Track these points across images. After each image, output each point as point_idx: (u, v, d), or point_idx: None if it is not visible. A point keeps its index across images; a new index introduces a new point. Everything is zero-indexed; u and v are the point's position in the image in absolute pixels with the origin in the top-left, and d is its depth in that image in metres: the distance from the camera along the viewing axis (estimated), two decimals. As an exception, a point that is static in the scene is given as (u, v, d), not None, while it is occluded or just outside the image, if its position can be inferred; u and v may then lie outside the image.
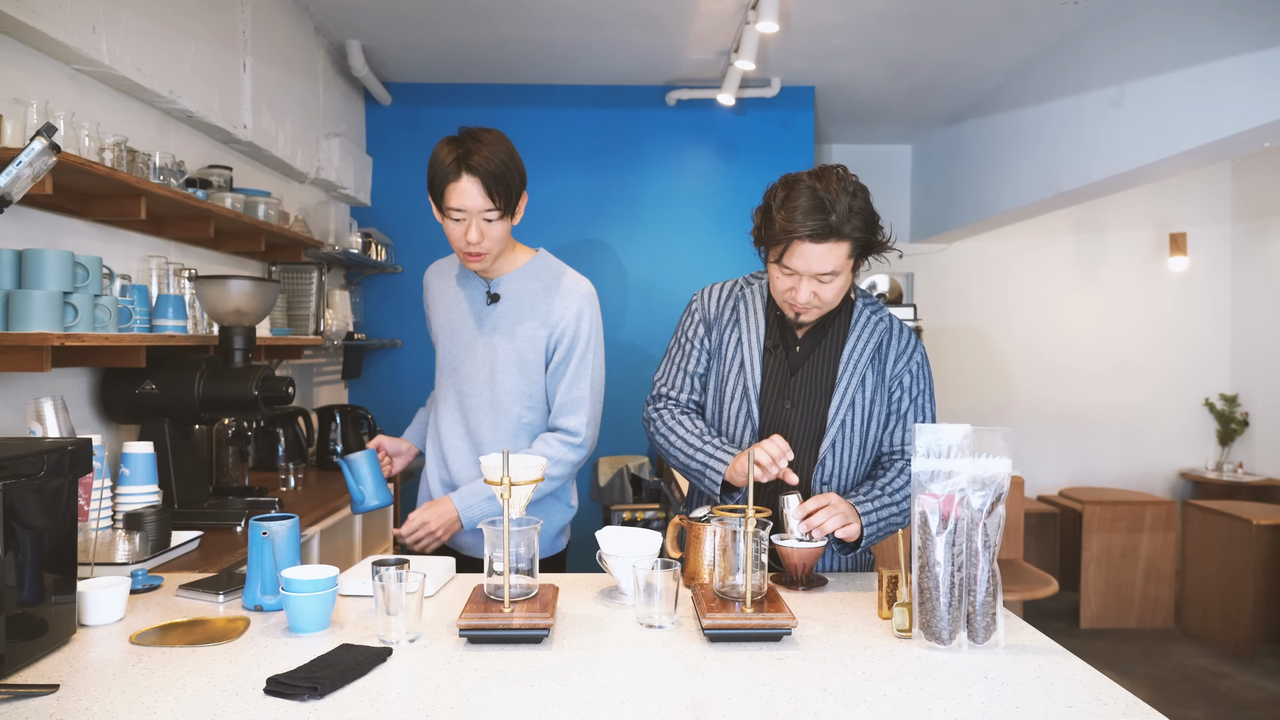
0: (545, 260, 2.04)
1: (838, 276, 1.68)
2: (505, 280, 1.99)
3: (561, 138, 4.99)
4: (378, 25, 4.06)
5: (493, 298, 1.98)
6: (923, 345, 1.86)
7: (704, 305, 1.89)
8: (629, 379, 4.99)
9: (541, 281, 1.99)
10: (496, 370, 1.96)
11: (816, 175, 1.66)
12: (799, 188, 1.65)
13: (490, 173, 1.82)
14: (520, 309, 1.97)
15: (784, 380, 1.81)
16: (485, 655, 1.31)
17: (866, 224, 1.66)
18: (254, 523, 1.51)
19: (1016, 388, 6.24)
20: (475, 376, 1.99)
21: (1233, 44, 3.15)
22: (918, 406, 1.83)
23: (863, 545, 1.72)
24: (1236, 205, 6.19)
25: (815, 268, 1.65)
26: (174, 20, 2.76)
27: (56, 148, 1.53)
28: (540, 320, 1.96)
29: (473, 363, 1.99)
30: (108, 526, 2.13)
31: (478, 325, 1.99)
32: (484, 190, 1.82)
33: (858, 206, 1.65)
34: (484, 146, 1.83)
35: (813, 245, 1.63)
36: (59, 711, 1.10)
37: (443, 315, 2.06)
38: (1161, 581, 4.85)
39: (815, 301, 1.71)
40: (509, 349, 1.96)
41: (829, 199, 1.62)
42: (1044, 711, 1.14)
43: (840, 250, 1.65)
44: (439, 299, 2.08)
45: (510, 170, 1.85)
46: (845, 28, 4.06)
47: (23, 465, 1.24)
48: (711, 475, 1.74)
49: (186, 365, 2.42)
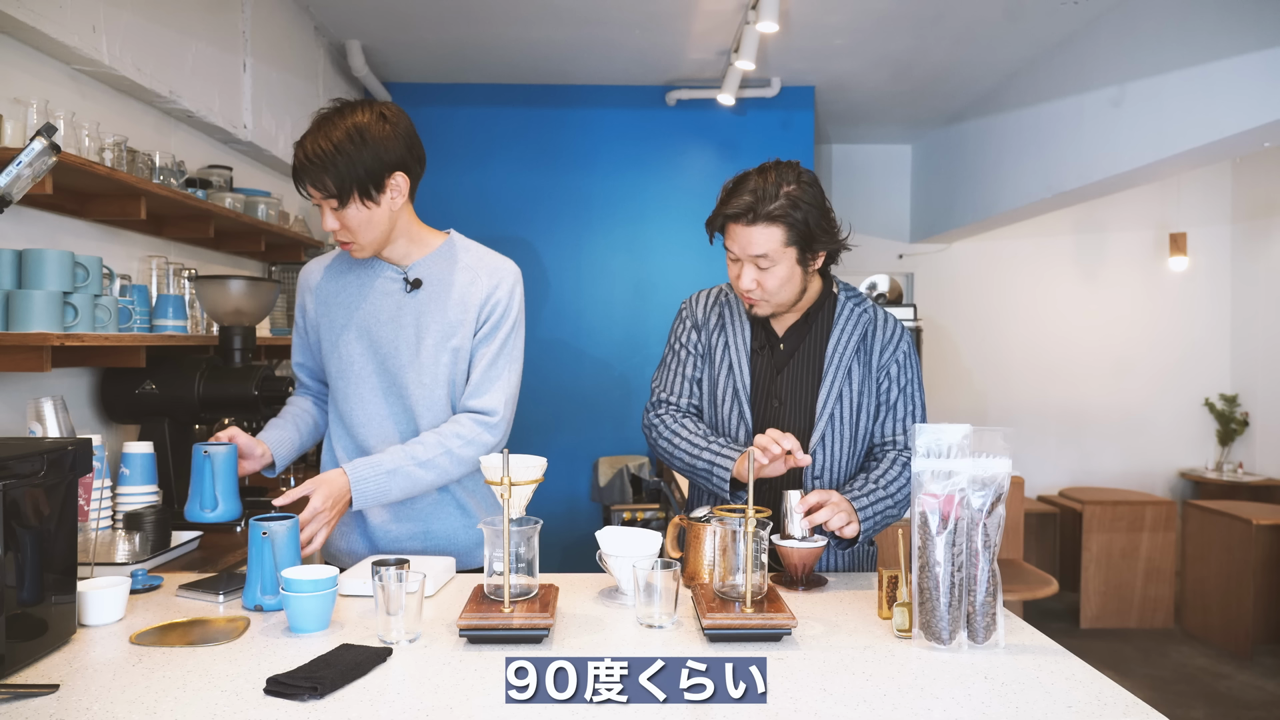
0: (461, 242, 1.88)
1: (776, 265, 1.71)
2: (420, 265, 1.82)
3: (561, 137, 4.99)
4: (378, 25, 4.06)
5: (413, 284, 1.81)
6: (909, 334, 1.88)
7: (693, 311, 1.92)
8: (629, 379, 4.99)
9: (462, 263, 1.84)
10: (423, 358, 1.80)
11: (762, 167, 1.73)
12: (744, 176, 1.74)
13: (310, 163, 1.65)
14: (444, 291, 1.81)
15: (771, 379, 1.83)
16: (485, 655, 1.31)
17: (802, 211, 1.68)
18: (254, 523, 1.51)
19: (1016, 388, 6.24)
20: (402, 368, 1.80)
21: (1233, 44, 3.15)
22: (906, 396, 1.84)
23: (860, 540, 1.73)
24: (1236, 205, 6.19)
25: (750, 250, 1.70)
26: (174, 20, 2.77)
27: (56, 148, 1.53)
28: (466, 300, 1.81)
29: (396, 357, 1.80)
30: (108, 526, 2.13)
31: (398, 313, 1.81)
32: (309, 182, 1.67)
33: (794, 194, 1.68)
34: (315, 131, 1.67)
35: (743, 227, 1.69)
36: (59, 711, 1.10)
37: (346, 309, 1.84)
38: (1161, 581, 4.85)
39: (760, 292, 1.73)
40: (437, 332, 1.80)
41: (762, 185, 1.69)
42: (1044, 711, 1.14)
43: (772, 234, 1.68)
44: (339, 294, 1.85)
45: (338, 156, 1.64)
46: (845, 28, 4.06)
47: (23, 465, 1.24)
48: (719, 473, 1.75)
49: (186, 365, 2.42)
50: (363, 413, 1.83)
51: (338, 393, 1.86)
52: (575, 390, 5.01)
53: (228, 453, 1.63)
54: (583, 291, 5.03)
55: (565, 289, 5.03)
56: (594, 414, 4.99)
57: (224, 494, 1.62)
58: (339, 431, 1.88)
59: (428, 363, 1.79)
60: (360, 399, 1.83)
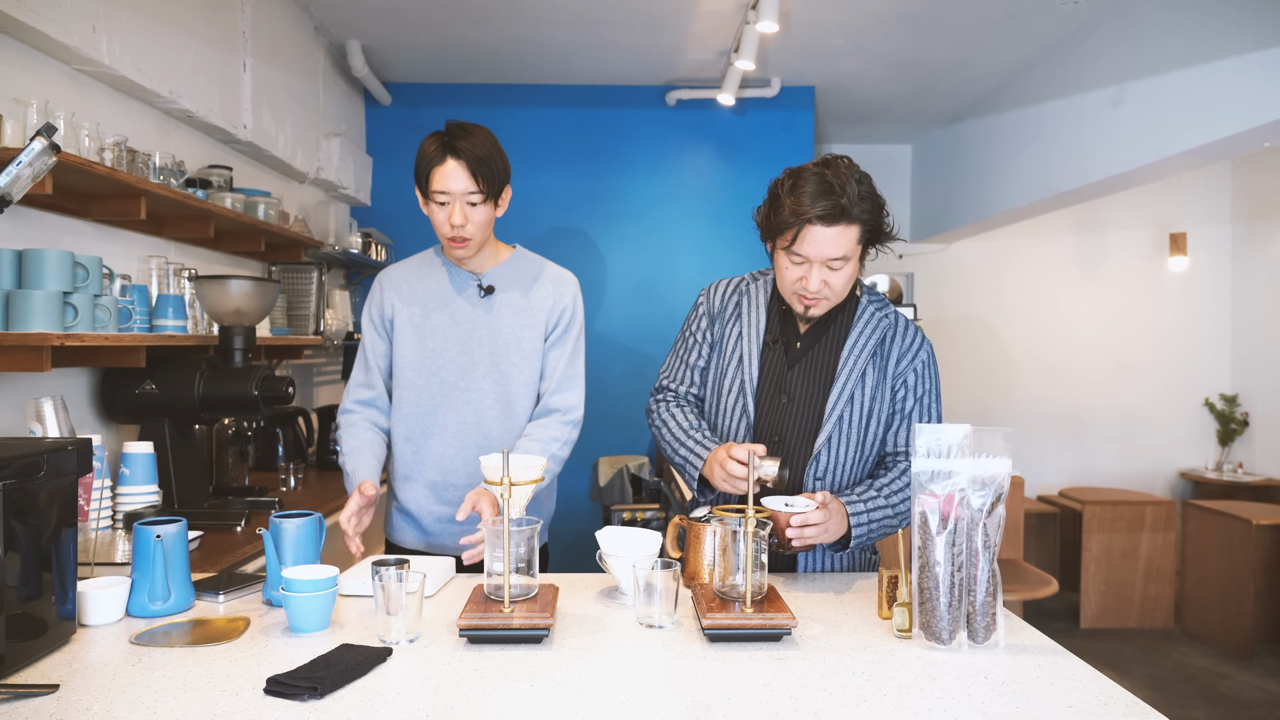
0: (528, 254, 2.09)
1: (848, 263, 1.68)
2: (493, 274, 2.02)
3: (562, 138, 4.99)
4: (378, 25, 4.06)
5: (487, 289, 1.99)
6: (930, 344, 1.84)
7: (710, 299, 1.91)
8: (629, 379, 4.99)
9: (530, 272, 2.05)
10: (500, 360, 1.98)
11: (823, 163, 1.68)
12: (806, 174, 1.66)
13: (475, 156, 1.85)
14: (516, 298, 2.01)
15: (781, 374, 1.80)
16: (485, 655, 1.31)
17: (874, 209, 1.67)
18: (274, 520, 1.55)
19: (1016, 388, 6.24)
20: (476, 370, 1.97)
21: (1233, 44, 3.15)
22: (924, 407, 1.80)
23: (852, 545, 1.70)
24: (1236, 205, 6.19)
25: (826, 253, 1.65)
26: (174, 20, 2.76)
27: (56, 148, 1.53)
28: (537, 306, 2.01)
29: (469, 356, 1.98)
30: (108, 526, 2.13)
31: (472, 318, 1.99)
32: (468, 172, 1.85)
33: (865, 191, 1.66)
34: (469, 134, 1.88)
35: (824, 229, 1.63)
36: (59, 711, 1.10)
37: (420, 311, 1.99)
38: (1161, 581, 4.85)
39: (826, 291, 1.70)
40: (511, 337, 1.98)
41: (838, 183, 1.63)
42: (1044, 711, 1.14)
43: (850, 235, 1.65)
44: (414, 298, 2.01)
45: (494, 156, 1.89)
46: (845, 28, 4.06)
47: (23, 465, 1.24)
48: (690, 471, 1.77)
49: (186, 365, 2.42)
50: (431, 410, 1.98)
51: (408, 389, 1.99)
52: (575, 390, 4.99)
53: (179, 533, 1.50)
54: (582, 291, 5.02)
55: (565, 289, 5.02)
56: (594, 414, 4.95)
57: (176, 582, 1.49)
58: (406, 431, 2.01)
59: (499, 364, 1.97)
60: (431, 397, 1.98)
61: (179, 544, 1.50)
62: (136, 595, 1.47)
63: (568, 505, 4.86)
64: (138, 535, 1.48)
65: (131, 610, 1.47)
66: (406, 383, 2.00)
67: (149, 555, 1.47)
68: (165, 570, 1.47)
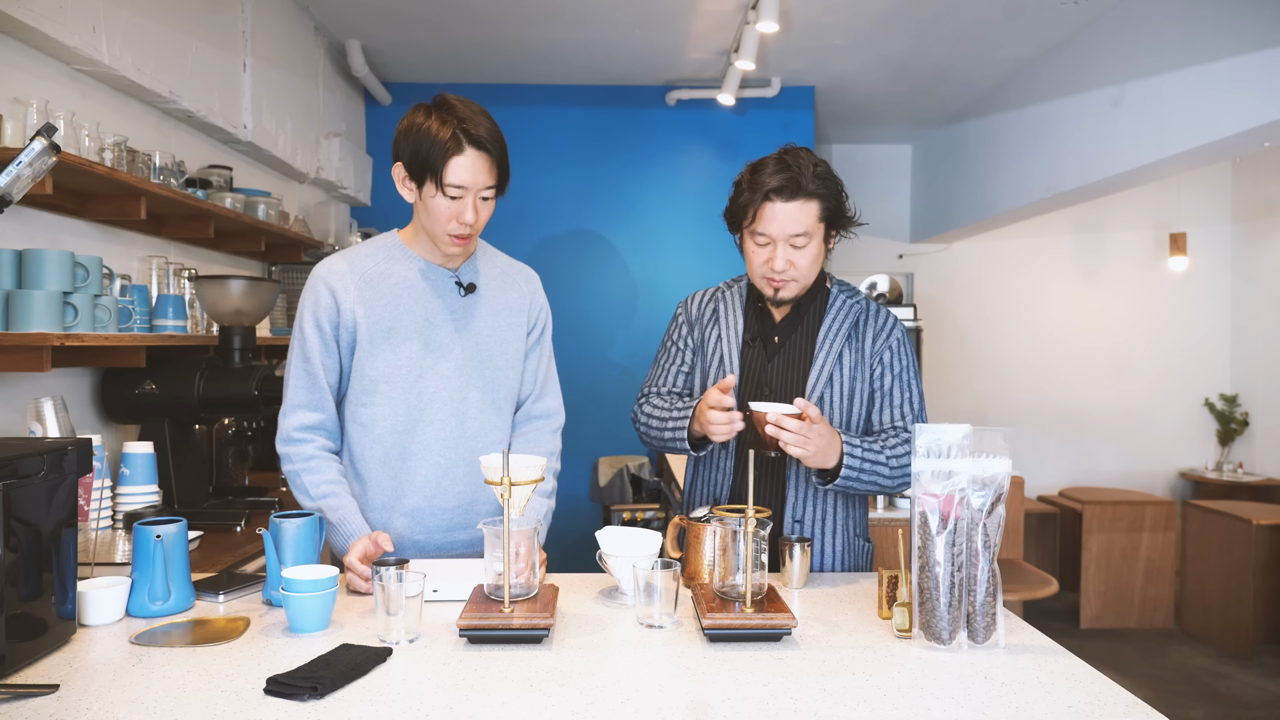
0: (489, 247, 1.91)
1: (810, 240, 1.74)
2: (469, 269, 1.81)
3: (562, 138, 4.99)
4: (378, 25, 4.06)
5: (468, 288, 1.78)
6: (902, 325, 1.89)
7: (688, 309, 1.97)
8: (629, 379, 4.99)
9: (498, 267, 1.87)
10: (485, 365, 1.79)
11: (782, 151, 1.79)
12: (764, 159, 1.78)
13: (499, 146, 1.69)
14: (493, 296, 1.82)
15: (762, 368, 1.85)
16: (485, 655, 1.31)
17: (831, 187, 1.75)
18: (274, 520, 1.54)
19: (1016, 388, 6.23)
20: (460, 377, 1.77)
21: (1233, 44, 3.15)
22: (903, 384, 1.83)
23: (840, 482, 1.69)
24: (1236, 205, 6.18)
25: (789, 229, 1.72)
26: (174, 20, 2.76)
27: (56, 148, 1.53)
28: (515, 305, 1.85)
29: (451, 363, 1.76)
30: (108, 526, 2.13)
31: (454, 318, 1.77)
32: (491, 164, 1.67)
33: (821, 171, 1.75)
34: (481, 118, 1.68)
35: (783, 204, 1.72)
36: (59, 711, 1.10)
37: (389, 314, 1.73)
38: (1161, 581, 4.85)
39: (792, 271, 1.76)
40: (495, 339, 1.81)
41: (794, 163, 1.73)
42: (1044, 711, 1.14)
43: (810, 211, 1.73)
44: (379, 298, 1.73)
45: (504, 147, 1.72)
46: (845, 28, 4.06)
47: (23, 465, 1.24)
48: (679, 432, 1.80)
49: (186, 365, 2.42)
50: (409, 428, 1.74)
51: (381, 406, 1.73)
52: (575, 390, 4.97)
53: (179, 533, 1.49)
54: (582, 291, 5.03)
55: (564, 289, 5.02)
56: (594, 414, 4.98)
57: (176, 582, 1.49)
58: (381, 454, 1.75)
59: (484, 369, 1.80)
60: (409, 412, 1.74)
61: (179, 544, 1.50)
62: (136, 595, 1.47)
63: (568, 505, 4.86)
64: (138, 535, 1.48)
65: (131, 610, 1.47)
66: (379, 398, 1.73)
67: (149, 555, 1.47)
68: (165, 570, 1.48)
